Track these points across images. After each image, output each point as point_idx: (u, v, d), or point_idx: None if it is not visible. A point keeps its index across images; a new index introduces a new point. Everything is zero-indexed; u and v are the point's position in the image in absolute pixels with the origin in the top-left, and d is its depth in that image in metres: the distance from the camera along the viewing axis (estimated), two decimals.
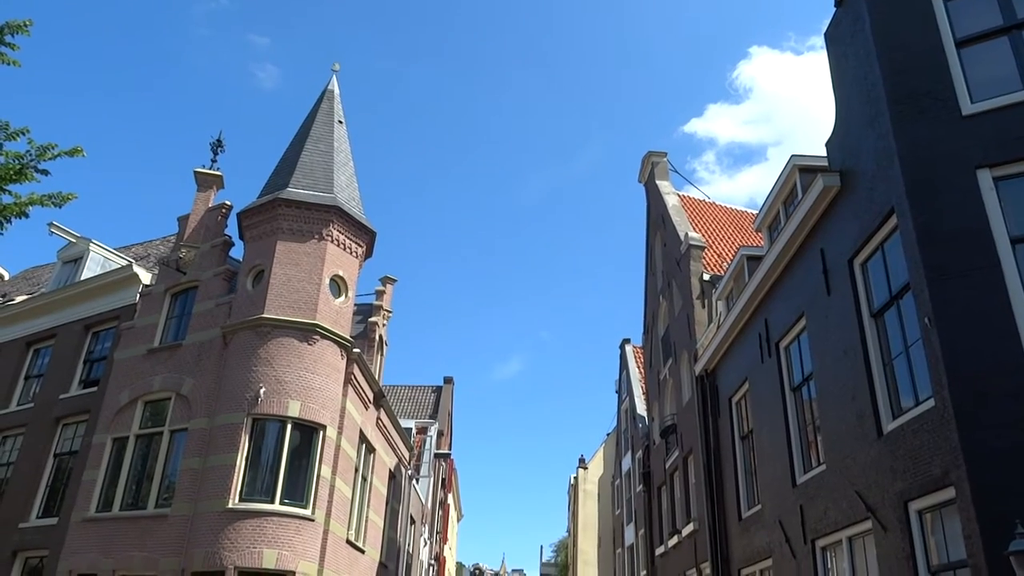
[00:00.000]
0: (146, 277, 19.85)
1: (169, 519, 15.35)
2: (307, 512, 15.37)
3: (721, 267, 19.98)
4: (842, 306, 10.56)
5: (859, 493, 9.71)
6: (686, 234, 20.52)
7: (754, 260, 15.33)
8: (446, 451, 39.07)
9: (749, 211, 24.92)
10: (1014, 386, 7.52)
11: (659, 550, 22.93)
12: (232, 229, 18.90)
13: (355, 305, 18.93)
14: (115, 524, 16.17)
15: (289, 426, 15.75)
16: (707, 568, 16.93)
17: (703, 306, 19.14)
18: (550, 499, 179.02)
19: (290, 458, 15.63)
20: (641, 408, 29.54)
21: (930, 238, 8.44)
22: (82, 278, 21.28)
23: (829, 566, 11.21)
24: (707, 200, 25.82)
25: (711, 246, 21.10)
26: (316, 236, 17.53)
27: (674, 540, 20.49)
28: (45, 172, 9.70)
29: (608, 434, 47.93)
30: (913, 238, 8.57)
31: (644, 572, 26.21)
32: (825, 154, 11.58)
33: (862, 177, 10.09)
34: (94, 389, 18.76)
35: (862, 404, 9.83)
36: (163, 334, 18.43)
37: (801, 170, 13.13)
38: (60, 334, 20.63)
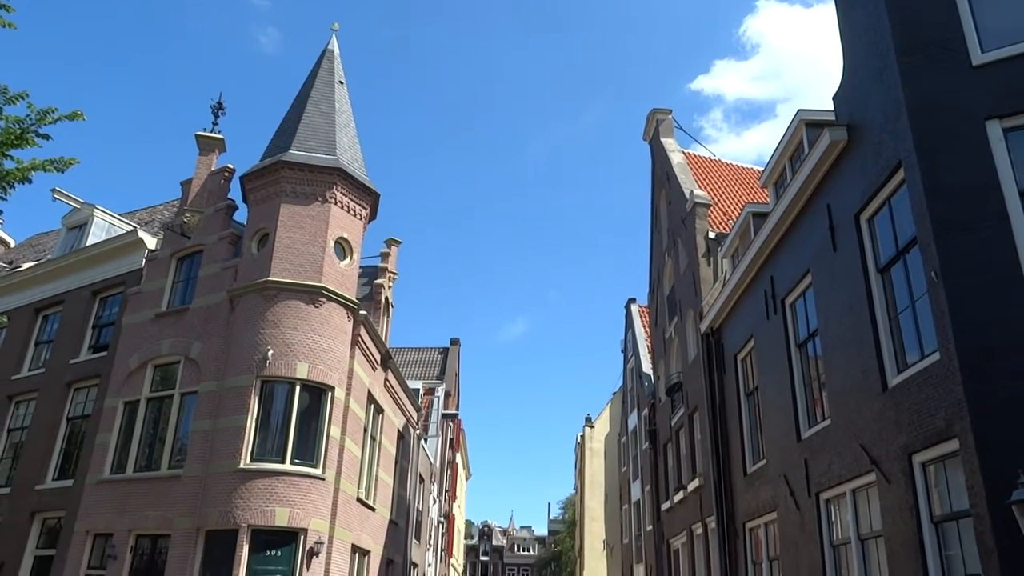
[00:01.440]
0: (151, 242, 19.89)
1: (182, 480, 15.61)
2: (318, 471, 15.61)
3: (727, 225, 19.88)
4: (848, 262, 10.53)
5: (863, 446, 9.79)
6: (691, 192, 20.38)
7: (760, 217, 15.26)
8: (453, 411, 39.47)
9: (755, 168, 24.72)
10: (1019, 338, 7.54)
11: (665, 505, 23.26)
12: (235, 193, 18.87)
13: (360, 267, 18.97)
14: (129, 485, 16.47)
15: (298, 388, 15.90)
16: (712, 522, 17.19)
17: (708, 264, 19.10)
18: (557, 458, 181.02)
19: (300, 419, 15.82)
20: (647, 367, 29.69)
21: (938, 191, 8.37)
22: (87, 244, 21.34)
23: (833, 519, 11.37)
24: (713, 157, 25.61)
25: (717, 204, 20.97)
26: (319, 198, 17.48)
27: (680, 495, 20.77)
28: (46, 136, 9.65)
29: (614, 393, 48.30)
30: (920, 191, 8.50)
31: (650, 527, 26.63)
32: (833, 108, 11.44)
33: (869, 131, 9.98)
34: (104, 354, 18.94)
35: (867, 359, 9.86)
36: (170, 298, 18.54)
37: (808, 125, 13.00)
38: (68, 300, 20.77)
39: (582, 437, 54.73)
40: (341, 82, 20.11)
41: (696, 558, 19.31)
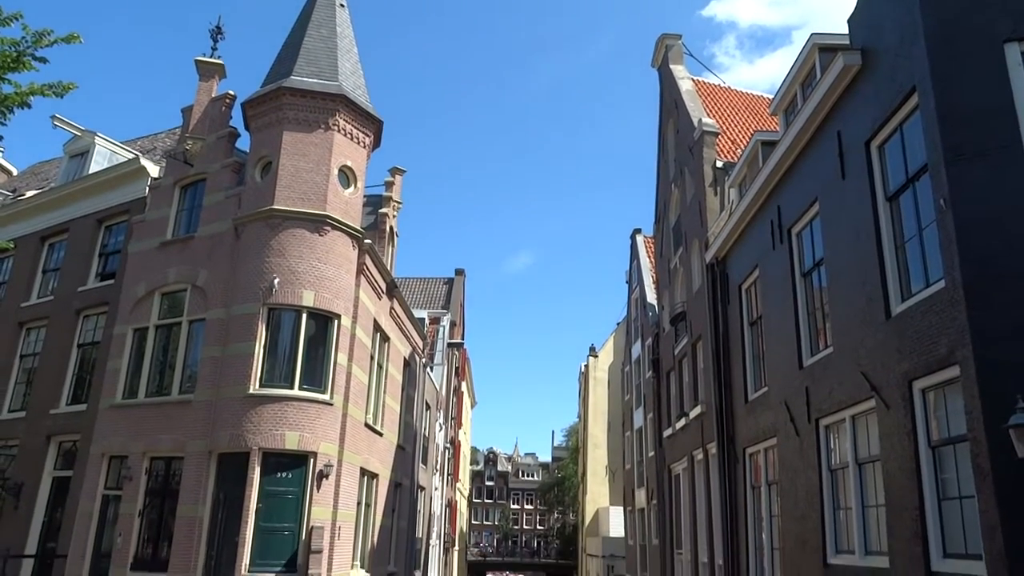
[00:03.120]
0: (154, 170, 19.75)
1: (193, 405, 15.91)
2: (326, 397, 15.88)
3: (735, 154, 19.62)
4: (857, 190, 10.42)
5: (865, 373, 9.90)
6: (699, 120, 20.04)
7: (769, 145, 15.02)
8: (459, 341, 39.85)
9: (766, 96, 24.22)
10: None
11: (667, 432, 23.70)
12: (237, 121, 18.60)
13: (364, 196, 18.84)
14: (142, 410, 16.79)
15: (304, 315, 16.03)
16: (713, 448, 17.55)
17: (715, 194, 18.93)
18: (561, 387, 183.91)
19: (307, 346, 16.00)
20: (651, 297, 29.82)
21: (951, 117, 8.21)
22: (90, 172, 21.21)
23: (832, 445, 11.59)
24: (722, 85, 25.08)
25: (725, 132, 20.65)
26: (322, 126, 17.25)
27: (681, 422, 21.14)
28: (43, 60, 9.44)
29: (618, 323, 48.67)
30: (933, 116, 8.34)
31: (652, 453, 27.22)
32: (847, 32, 11.12)
33: (884, 55, 9.73)
34: (111, 282, 19.05)
35: (872, 287, 9.87)
36: (175, 227, 18.52)
37: (821, 49, 12.67)
38: (73, 228, 20.78)
39: (586, 366, 55.41)
40: (342, 5, 19.58)
41: (696, 482, 19.79)
